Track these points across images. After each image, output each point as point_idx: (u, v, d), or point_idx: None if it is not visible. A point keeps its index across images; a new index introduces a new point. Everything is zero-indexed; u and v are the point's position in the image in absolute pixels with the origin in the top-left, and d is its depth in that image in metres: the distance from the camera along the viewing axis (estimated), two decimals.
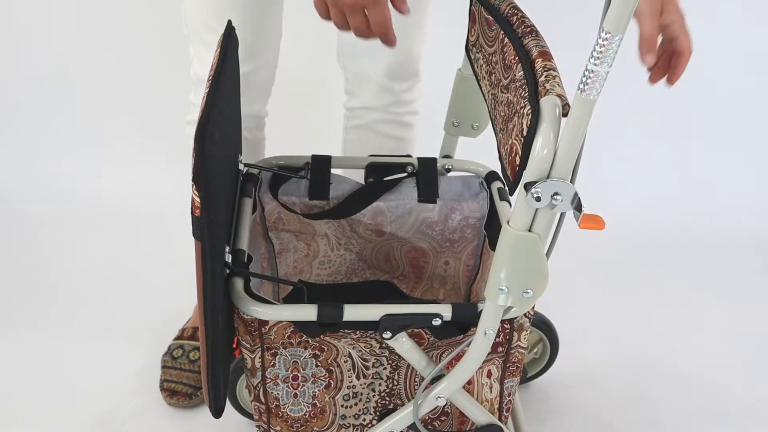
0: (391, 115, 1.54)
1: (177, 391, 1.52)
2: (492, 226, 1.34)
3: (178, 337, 1.61)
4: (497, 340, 1.11)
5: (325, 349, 1.11)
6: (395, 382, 1.16)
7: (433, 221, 1.41)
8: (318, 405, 1.17)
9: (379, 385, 1.16)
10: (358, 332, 1.08)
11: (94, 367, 1.62)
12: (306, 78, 2.17)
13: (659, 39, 1.11)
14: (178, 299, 1.70)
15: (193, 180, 0.91)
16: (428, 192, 1.38)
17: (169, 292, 1.77)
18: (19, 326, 1.72)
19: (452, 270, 1.46)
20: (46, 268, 1.91)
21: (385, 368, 1.15)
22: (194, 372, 1.55)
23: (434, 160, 1.38)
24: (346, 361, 1.13)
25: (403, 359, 1.11)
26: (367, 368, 1.15)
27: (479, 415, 1.15)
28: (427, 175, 1.38)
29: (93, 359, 1.64)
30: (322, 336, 1.09)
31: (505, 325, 1.10)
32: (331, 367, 1.14)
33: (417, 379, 1.16)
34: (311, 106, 2.21)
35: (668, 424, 1.54)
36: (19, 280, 1.87)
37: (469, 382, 1.15)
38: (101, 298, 1.81)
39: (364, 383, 1.16)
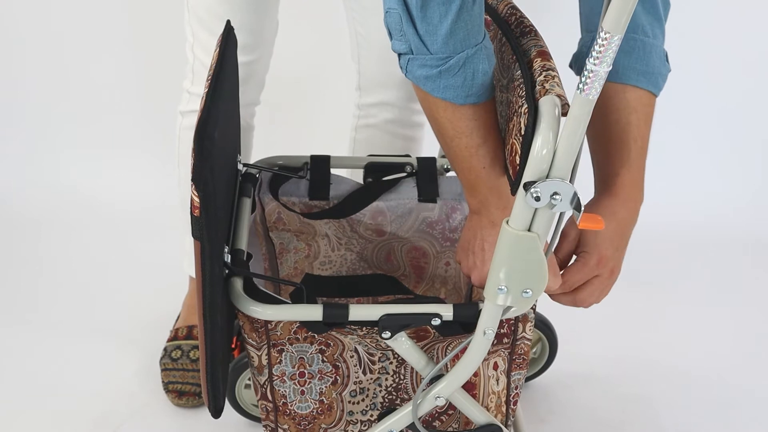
0: (406, 111, 1.53)
1: (185, 391, 1.52)
2: None
3: (173, 338, 1.60)
4: (502, 331, 1.12)
5: (332, 344, 1.12)
6: (402, 377, 1.16)
7: (433, 221, 1.41)
8: (325, 401, 1.17)
9: (386, 380, 1.17)
10: (364, 329, 1.08)
11: (93, 368, 1.62)
12: (306, 77, 2.17)
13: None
14: (177, 299, 1.70)
15: (193, 180, 0.91)
16: (428, 192, 1.38)
17: (165, 292, 1.76)
18: (16, 327, 1.72)
19: (453, 270, 1.46)
20: (42, 269, 1.91)
21: (391, 363, 1.15)
22: (198, 371, 1.54)
23: (433, 159, 1.38)
24: (352, 357, 1.14)
25: None
26: (374, 363, 1.15)
27: (478, 415, 1.15)
28: (426, 175, 1.38)
29: (91, 359, 1.63)
30: (328, 331, 1.09)
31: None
32: (337, 363, 1.14)
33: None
34: (311, 106, 2.21)
35: (668, 423, 1.54)
36: (16, 281, 1.87)
37: (476, 375, 1.15)
38: (98, 298, 1.81)
39: (371, 378, 1.16)
